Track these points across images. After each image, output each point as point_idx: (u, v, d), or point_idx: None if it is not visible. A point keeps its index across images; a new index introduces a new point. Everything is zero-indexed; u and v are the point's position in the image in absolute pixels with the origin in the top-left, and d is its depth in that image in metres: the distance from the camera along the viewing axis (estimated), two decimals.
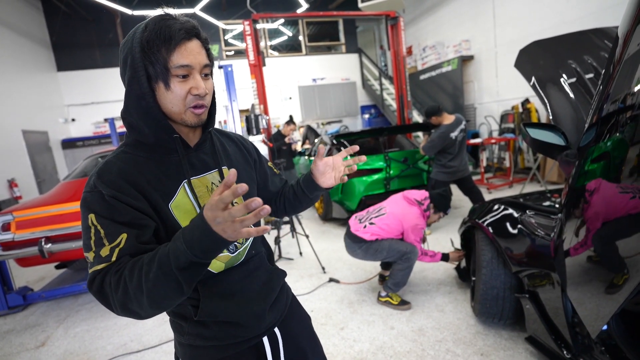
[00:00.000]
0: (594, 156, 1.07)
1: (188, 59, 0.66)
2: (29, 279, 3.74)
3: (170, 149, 0.73)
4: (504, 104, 6.74)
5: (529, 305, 1.60)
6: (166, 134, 0.71)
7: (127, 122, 0.72)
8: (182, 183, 0.72)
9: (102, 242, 0.62)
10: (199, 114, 0.71)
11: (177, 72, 0.66)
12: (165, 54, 0.65)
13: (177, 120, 0.71)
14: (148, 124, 0.69)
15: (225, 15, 9.20)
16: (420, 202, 2.37)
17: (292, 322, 0.92)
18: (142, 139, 0.71)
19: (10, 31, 6.78)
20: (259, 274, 0.84)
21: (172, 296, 0.58)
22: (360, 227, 2.35)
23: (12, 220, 2.67)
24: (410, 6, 9.20)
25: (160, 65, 0.65)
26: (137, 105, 0.68)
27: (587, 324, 1.09)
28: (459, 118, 3.68)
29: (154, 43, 0.64)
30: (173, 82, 0.67)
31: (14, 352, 2.34)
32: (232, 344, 0.79)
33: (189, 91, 0.68)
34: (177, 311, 0.78)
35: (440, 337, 1.96)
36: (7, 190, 5.87)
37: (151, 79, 0.67)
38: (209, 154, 0.79)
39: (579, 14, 5.18)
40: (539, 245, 1.51)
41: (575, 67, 1.54)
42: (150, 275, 0.56)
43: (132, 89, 0.67)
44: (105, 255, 0.61)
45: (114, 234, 0.62)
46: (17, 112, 6.56)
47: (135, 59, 0.65)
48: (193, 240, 0.54)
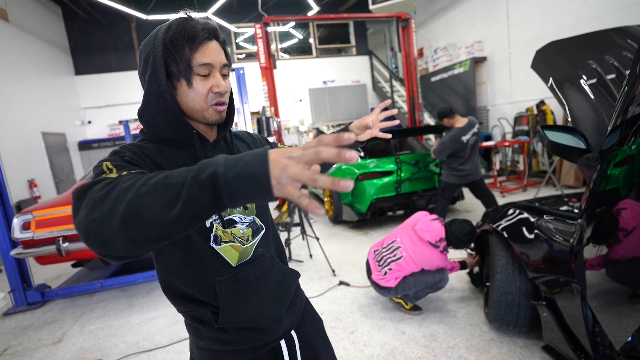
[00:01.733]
0: (617, 160, 1.04)
1: (210, 58, 0.69)
2: (47, 276, 3.84)
3: (188, 144, 0.74)
4: (517, 105, 6.61)
5: (546, 313, 1.55)
6: (184, 130, 0.72)
7: (144, 120, 0.73)
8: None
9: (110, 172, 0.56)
10: (221, 110, 0.73)
11: (200, 70, 0.68)
12: (188, 53, 0.67)
13: (198, 118, 0.73)
14: (166, 121, 0.70)
15: (237, 19, 9.32)
16: (435, 244, 2.11)
17: (307, 324, 0.92)
18: (160, 134, 0.73)
19: (31, 36, 7.02)
20: (272, 274, 0.84)
21: (153, 213, 0.44)
22: (380, 275, 2.21)
23: (32, 219, 2.75)
24: (422, 8, 9.14)
25: (184, 63, 0.67)
26: (155, 103, 0.69)
27: (610, 334, 1.05)
28: (472, 121, 3.61)
29: (178, 42, 0.66)
30: (195, 80, 0.69)
31: (32, 347, 2.40)
32: (251, 348, 0.79)
33: (210, 89, 0.70)
34: (196, 316, 0.77)
35: (452, 344, 1.93)
36: (27, 190, 6.06)
37: (172, 76, 0.68)
38: (224, 151, 0.80)
39: (596, 13, 5.05)
40: (557, 251, 1.47)
41: (596, 68, 1.50)
42: (151, 180, 0.46)
43: (151, 87, 0.68)
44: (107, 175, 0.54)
45: (122, 167, 0.57)
46: (37, 114, 6.78)
47: (157, 57, 0.66)
48: (238, 162, 0.44)
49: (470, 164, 3.63)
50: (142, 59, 0.71)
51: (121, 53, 8.93)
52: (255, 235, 0.82)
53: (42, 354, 2.31)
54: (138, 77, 0.74)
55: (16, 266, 3.03)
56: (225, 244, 0.76)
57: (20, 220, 2.75)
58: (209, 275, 0.74)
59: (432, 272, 2.16)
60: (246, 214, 0.81)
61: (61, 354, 2.27)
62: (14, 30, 6.47)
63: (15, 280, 3.02)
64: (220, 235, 0.75)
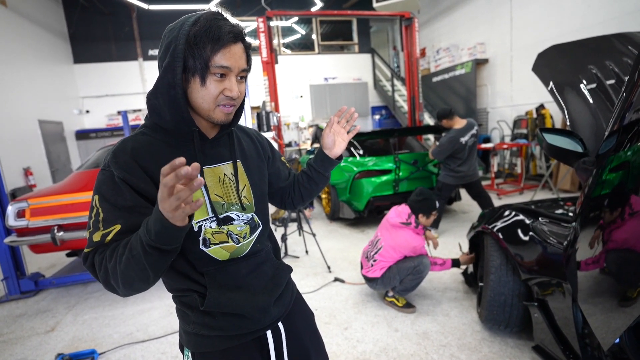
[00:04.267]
0: (613, 165, 1.04)
1: (229, 61, 0.69)
2: (41, 265, 3.83)
3: (187, 138, 0.75)
4: (517, 109, 6.63)
5: (538, 314, 1.57)
6: (186, 126, 0.73)
7: (150, 103, 0.74)
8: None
9: (98, 225, 0.67)
10: (228, 112, 0.74)
11: (216, 70, 0.68)
12: (209, 52, 0.67)
13: (204, 115, 0.73)
14: (171, 112, 0.71)
15: (240, 12, 9.25)
16: (407, 222, 2.28)
17: (296, 318, 0.93)
18: (162, 123, 0.74)
19: (30, 23, 6.94)
20: (265, 269, 0.85)
21: (139, 279, 0.63)
22: (368, 267, 2.37)
23: (26, 207, 2.74)
24: (425, 7, 9.11)
25: (202, 61, 0.67)
26: (166, 92, 0.70)
27: (599, 335, 1.06)
28: (471, 123, 3.62)
29: (201, 39, 0.67)
30: (210, 79, 0.69)
31: (25, 336, 2.40)
32: (236, 335, 0.80)
33: (222, 91, 0.71)
34: (184, 300, 0.79)
35: (444, 342, 1.94)
36: (22, 178, 6.02)
37: (188, 70, 0.69)
38: (225, 147, 0.81)
39: (600, 19, 5.05)
40: (550, 254, 1.48)
41: (596, 73, 1.51)
42: (122, 257, 0.62)
43: (165, 75, 0.69)
44: (95, 241, 0.67)
45: (110, 221, 0.67)
46: (34, 102, 6.72)
47: (177, 49, 0.67)
48: (149, 225, 0.58)
49: (468, 165, 3.64)
50: (163, 44, 0.71)
51: (121, 43, 8.85)
52: (253, 232, 0.83)
53: (35, 342, 2.31)
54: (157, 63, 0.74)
55: (10, 254, 3.02)
56: (214, 246, 0.76)
57: (15, 208, 2.73)
58: (198, 267, 0.77)
59: (412, 257, 2.25)
60: (244, 212, 0.82)
61: (54, 343, 2.27)
62: (12, 16, 6.39)
63: (8, 268, 3.01)
64: (209, 238, 0.76)
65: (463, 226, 4.00)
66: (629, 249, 0.96)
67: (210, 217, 0.75)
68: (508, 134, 6.74)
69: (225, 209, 0.78)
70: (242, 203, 0.81)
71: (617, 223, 1.01)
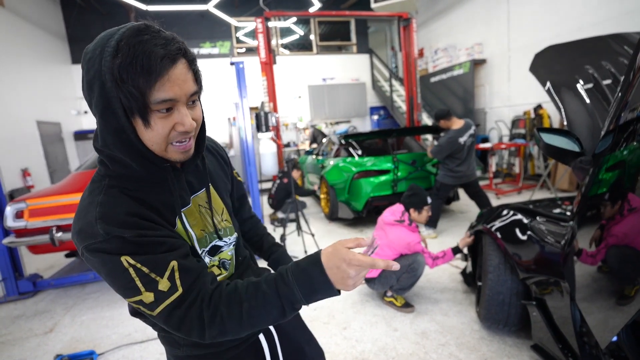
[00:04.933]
0: (609, 164, 1.05)
1: (172, 92, 0.55)
2: (39, 266, 3.82)
3: (160, 178, 0.65)
4: (515, 109, 6.65)
5: (536, 313, 1.58)
6: (155, 165, 0.62)
7: (105, 154, 0.61)
8: (177, 216, 0.67)
9: (151, 278, 0.56)
10: (185, 149, 0.62)
11: (158, 107, 0.55)
12: (143, 87, 0.53)
13: (160, 154, 0.62)
14: (134, 159, 0.59)
15: (238, 12, 9.25)
16: (400, 220, 2.31)
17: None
18: (128, 172, 0.62)
19: (28, 23, 6.92)
20: (249, 275, 0.83)
21: (269, 324, 0.63)
22: None
23: (25, 208, 2.73)
24: (423, 8, 9.14)
25: (138, 100, 0.53)
26: (117, 141, 0.57)
27: (597, 334, 1.07)
28: (469, 123, 3.64)
29: (129, 74, 0.52)
30: (153, 118, 0.56)
31: (23, 337, 2.39)
32: (231, 348, 0.77)
33: (173, 127, 0.58)
34: None
35: (443, 341, 1.95)
36: (20, 179, 6.00)
37: (127, 111, 0.55)
38: (193, 173, 0.73)
39: (597, 19, 5.08)
40: (548, 253, 1.49)
41: (593, 73, 1.52)
42: (253, 311, 0.59)
43: (107, 124, 0.56)
44: (168, 289, 0.57)
45: (160, 266, 0.57)
46: (32, 102, 6.70)
47: (106, 88, 0.53)
48: (312, 291, 0.59)
49: (466, 166, 3.66)
50: (85, 81, 0.56)
51: None
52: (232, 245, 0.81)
53: (33, 343, 2.30)
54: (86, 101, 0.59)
55: (8, 255, 3.01)
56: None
57: (13, 209, 2.72)
58: None
59: (407, 255, 2.27)
60: (228, 234, 0.79)
61: (52, 344, 2.27)
62: (9, 16, 6.37)
63: (7, 269, 3.00)
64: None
65: (461, 226, 4.02)
66: (626, 247, 0.97)
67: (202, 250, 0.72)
68: (506, 134, 6.77)
69: (209, 241, 0.73)
70: (223, 228, 0.77)
71: (613, 221, 1.02)
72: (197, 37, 9.28)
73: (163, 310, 0.57)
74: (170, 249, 0.60)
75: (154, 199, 0.64)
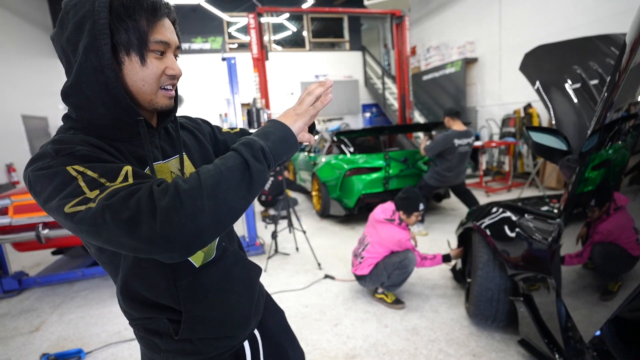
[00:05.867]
0: (595, 163, 1.07)
1: (167, 36, 0.60)
2: (25, 264, 3.74)
3: (131, 132, 0.63)
4: (505, 107, 6.74)
5: (523, 309, 1.61)
6: (128, 116, 0.60)
7: (72, 100, 0.60)
8: (146, 169, 0.64)
9: (100, 183, 0.50)
10: (171, 96, 0.65)
11: (156, 47, 0.59)
12: (145, 25, 0.57)
13: (144, 102, 0.62)
14: (105, 103, 0.58)
15: (230, 8, 9.14)
16: (390, 218, 2.33)
17: (269, 320, 0.90)
18: (96, 120, 0.60)
19: (13, 15, 6.72)
20: (237, 271, 0.79)
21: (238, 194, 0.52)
22: (357, 264, 2.40)
23: (10, 204, 2.67)
24: (416, 6, 9.16)
25: (138, 36, 0.57)
26: (92, 80, 0.56)
27: (581, 328, 1.09)
28: (470, 132, 3.72)
29: (134, 10, 0.56)
30: (150, 57, 0.59)
31: (8, 336, 2.34)
32: (214, 356, 0.74)
33: (164, 71, 0.62)
34: (151, 327, 0.69)
35: (433, 337, 1.98)
36: (5, 175, 5.85)
37: (119, 49, 0.57)
38: (165, 140, 0.72)
39: (586, 20, 5.17)
40: (536, 250, 1.52)
41: (580, 73, 1.54)
42: (211, 172, 0.51)
43: (87, 59, 0.55)
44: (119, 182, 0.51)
45: (113, 171, 0.52)
46: (18, 96, 6.53)
47: (98, 24, 0.54)
48: (266, 133, 0.58)
49: (455, 172, 3.73)
50: (67, 23, 0.57)
51: None
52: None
53: (19, 342, 2.25)
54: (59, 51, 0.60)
55: None
56: None
57: None
58: (170, 278, 0.68)
59: (398, 252, 2.29)
60: None
61: (38, 343, 2.23)
62: None
63: None
64: None
65: (452, 223, 4.06)
66: (610, 244, 0.99)
67: None
68: (496, 133, 6.86)
69: None
70: None
71: (599, 219, 1.04)
72: (188, 32, 9.14)
73: (103, 196, 0.48)
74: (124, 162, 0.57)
75: (123, 147, 0.62)
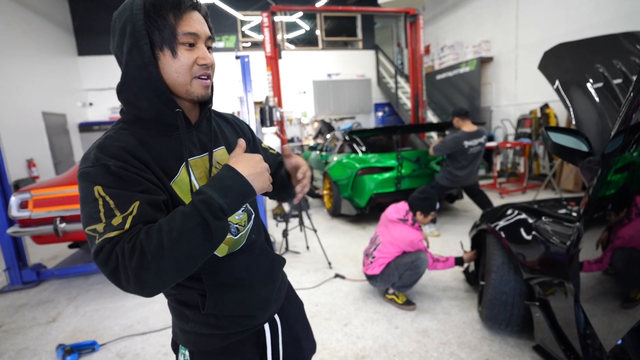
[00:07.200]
0: (618, 166, 1.03)
1: (195, 27, 0.65)
2: (43, 256, 3.86)
3: (171, 125, 0.69)
4: (521, 107, 6.58)
5: (539, 314, 1.57)
6: (168, 108, 0.67)
7: (123, 97, 0.68)
8: (183, 163, 0.69)
9: (112, 213, 0.57)
10: (207, 85, 0.69)
11: (185, 39, 0.64)
12: (173, 20, 0.63)
13: (182, 92, 0.68)
14: (148, 97, 0.65)
15: (244, 6, 9.20)
16: (404, 219, 2.29)
17: (289, 308, 0.94)
18: (141, 114, 0.67)
19: (35, 15, 6.93)
20: (262, 261, 0.84)
21: (199, 251, 0.57)
22: (367, 264, 2.39)
23: (29, 198, 2.75)
24: (430, 4, 9.03)
25: (168, 31, 0.63)
26: (137, 77, 0.64)
27: (601, 336, 1.05)
28: (481, 131, 3.61)
29: (162, 7, 0.62)
30: (180, 49, 0.64)
31: (26, 326, 2.41)
32: (237, 332, 0.79)
33: (196, 61, 0.66)
34: (181, 299, 0.76)
35: (444, 340, 1.94)
36: (25, 170, 6.05)
37: (154, 46, 0.64)
38: (207, 134, 0.76)
39: (608, 17, 4.99)
40: (553, 253, 1.47)
41: (603, 72, 1.49)
42: (173, 232, 0.55)
43: (132, 59, 0.63)
44: (117, 224, 0.56)
45: (125, 203, 0.58)
46: (38, 94, 6.73)
47: (136, 26, 0.62)
48: (225, 188, 0.59)
49: (467, 172, 3.64)
50: (116, 30, 0.65)
51: None
52: (250, 220, 0.82)
53: (36, 332, 2.32)
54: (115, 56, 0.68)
55: (12, 245, 3.04)
56: None
57: (18, 199, 2.74)
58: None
59: (410, 253, 2.26)
60: None
61: (55, 334, 2.29)
62: (17, 8, 6.38)
63: (11, 258, 3.03)
64: None
65: (464, 224, 4.00)
66: (633, 249, 0.95)
67: None
68: (512, 133, 6.71)
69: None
70: None
71: (621, 224, 1.00)
72: None
73: (101, 242, 0.56)
74: (143, 191, 0.61)
75: (161, 144, 0.68)
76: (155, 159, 0.66)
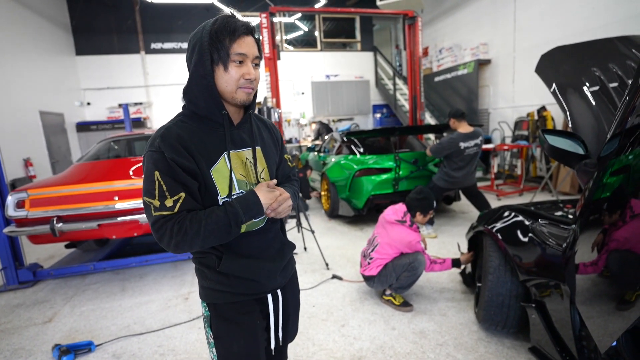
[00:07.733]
0: (614, 168, 1.04)
1: (244, 49, 0.84)
2: (39, 256, 3.83)
3: (217, 123, 0.90)
4: (519, 110, 6.62)
5: (535, 315, 1.58)
6: (217, 109, 0.88)
7: (187, 97, 0.89)
8: (224, 154, 0.89)
9: (165, 195, 0.81)
10: (249, 92, 0.88)
11: (235, 58, 0.84)
12: (228, 43, 0.83)
13: (229, 98, 0.88)
14: (205, 99, 0.86)
15: (243, 7, 9.20)
16: (402, 220, 2.29)
17: (290, 289, 1.09)
18: (197, 110, 0.89)
19: (33, 14, 6.90)
20: (275, 243, 1.02)
21: (220, 239, 0.85)
22: (365, 265, 2.39)
23: (26, 198, 2.74)
24: (429, 6, 9.07)
25: (224, 51, 0.83)
26: (199, 83, 0.85)
27: (596, 338, 1.06)
28: (477, 132, 3.61)
29: (221, 33, 0.82)
30: (231, 65, 0.84)
31: (22, 326, 2.40)
32: (243, 294, 0.96)
33: (242, 75, 0.85)
34: (203, 261, 0.95)
35: (441, 341, 1.95)
36: (22, 169, 6.01)
37: (213, 62, 0.84)
38: (247, 133, 0.96)
39: (604, 21, 5.03)
40: (549, 255, 1.48)
41: (599, 75, 1.50)
42: (208, 226, 0.82)
43: (197, 70, 0.85)
44: (169, 206, 0.81)
45: (174, 190, 0.82)
46: (36, 93, 6.69)
47: (203, 46, 0.83)
48: (248, 207, 0.86)
49: (464, 173, 3.65)
50: (190, 46, 0.87)
51: (124, 35, 8.80)
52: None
53: (32, 332, 2.31)
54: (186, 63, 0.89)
55: (8, 244, 3.02)
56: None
57: (15, 199, 2.73)
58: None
59: (407, 254, 2.26)
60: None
61: (51, 334, 2.28)
62: (14, 7, 6.36)
63: (7, 258, 3.01)
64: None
65: (461, 226, 4.01)
66: (629, 252, 0.96)
67: (238, 192, 0.91)
68: (509, 135, 6.74)
69: (247, 187, 0.93)
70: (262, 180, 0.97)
71: (617, 226, 1.01)
72: None
73: (157, 215, 0.82)
74: (184, 185, 0.83)
75: (208, 137, 0.89)
76: (200, 149, 0.86)
